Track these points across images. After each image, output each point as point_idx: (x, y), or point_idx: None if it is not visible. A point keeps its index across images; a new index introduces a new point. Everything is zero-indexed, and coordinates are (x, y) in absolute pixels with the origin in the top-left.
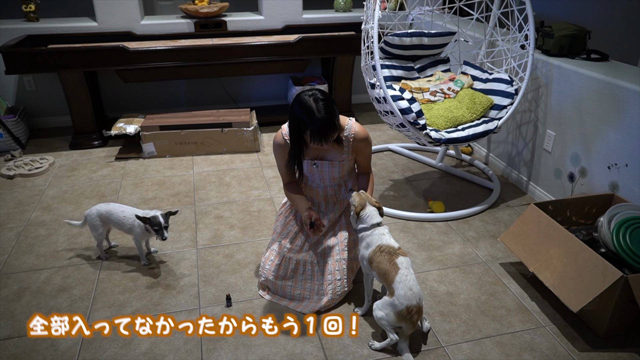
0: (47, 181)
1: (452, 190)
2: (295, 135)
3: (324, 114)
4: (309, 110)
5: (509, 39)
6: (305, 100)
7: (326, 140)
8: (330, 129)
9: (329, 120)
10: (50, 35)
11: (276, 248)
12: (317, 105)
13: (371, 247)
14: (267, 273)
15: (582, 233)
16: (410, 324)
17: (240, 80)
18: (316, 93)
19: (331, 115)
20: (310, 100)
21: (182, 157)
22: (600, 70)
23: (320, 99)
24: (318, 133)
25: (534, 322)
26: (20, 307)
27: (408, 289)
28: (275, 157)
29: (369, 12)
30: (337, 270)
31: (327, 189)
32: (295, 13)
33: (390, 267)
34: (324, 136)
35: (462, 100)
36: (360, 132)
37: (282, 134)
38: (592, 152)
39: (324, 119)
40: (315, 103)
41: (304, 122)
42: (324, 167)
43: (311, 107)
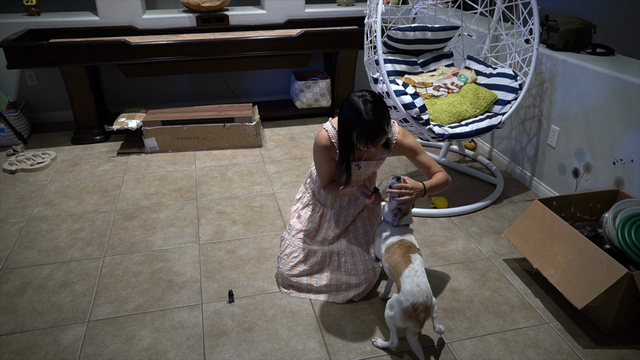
0: (49, 176)
1: (455, 186)
2: (343, 136)
3: (372, 117)
4: (357, 112)
5: (513, 33)
6: (355, 101)
7: (373, 143)
8: (378, 132)
9: (376, 124)
10: (52, 30)
11: (299, 244)
12: (365, 107)
13: (393, 238)
14: (291, 271)
15: (587, 229)
16: (416, 323)
17: (242, 75)
18: (366, 95)
19: (379, 118)
20: (360, 101)
21: (184, 152)
22: (606, 64)
23: (370, 101)
24: (365, 136)
25: (538, 319)
26: (23, 303)
27: (415, 284)
28: (315, 159)
29: (372, 6)
30: (367, 260)
31: (353, 185)
32: (298, 7)
33: (401, 260)
34: (371, 139)
35: (466, 95)
36: (402, 131)
37: (327, 136)
38: (597, 148)
39: (371, 122)
40: (364, 105)
41: (351, 123)
42: (363, 168)
43: (359, 109)
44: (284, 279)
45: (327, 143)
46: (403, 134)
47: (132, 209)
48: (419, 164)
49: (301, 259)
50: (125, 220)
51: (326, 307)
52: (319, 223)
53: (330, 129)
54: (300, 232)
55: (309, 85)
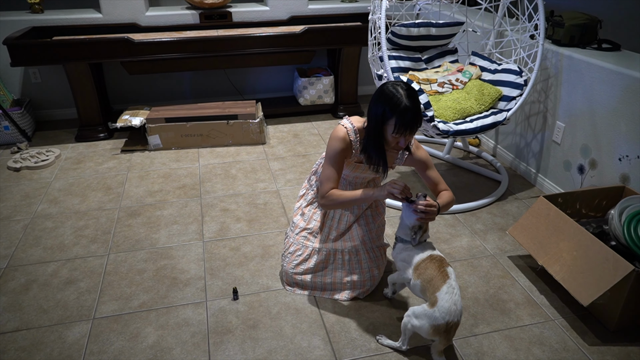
0: (54, 174)
1: (460, 183)
2: (374, 131)
3: (410, 100)
4: (394, 97)
5: (518, 28)
6: (389, 89)
7: (412, 129)
8: (417, 116)
9: (415, 108)
10: (55, 27)
11: (303, 242)
12: (404, 93)
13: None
14: (295, 269)
15: (592, 226)
16: (444, 339)
17: (245, 71)
18: (400, 83)
19: (416, 101)
20: (396, 89)
21: (187, 149)
22: (611, 60)
23: (405, 88)
24: (403, 121)
25: (543, 316)
26: (28, 300)
27: (453, 303)
28: (330, 158)
29: (377, 3)
30: (372, 258)
31: (357, 186)
32: (301, 4)
33: (438, 274)
34: (410, 125)
35: (471, 92)
36: (415, 142)
37: (346, 133)
38: (603, 144)
39: (411, 106)
40: (402, 91)
41: (388, 110)
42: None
43: (396, 94)
44: (288, 277)
45: (346, 138)
46: (417, 145)
47: (136, 207)
48: (428, 179)
49: (305, 257)
50: (130, 217)
51: (330, 304)
52: (323, 221)
53: (349, 126)
54: (304, 230)
55: (312, 82)
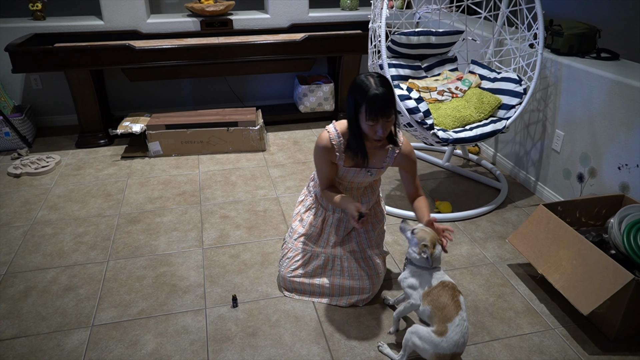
0: (54, 180)
1: (459, 191)
2: (351, 122)
3: (380, 87)
4: (363, 85)
5: (518, 37)
6: (361, 78)
7: (383, 114)
8: (386, 101)
9: (384, 93)
10: (57, 34)
11: (301, 247)
12: (374, 80)
13: (428, 284)
14: (293, 273)
15: (592, 234)
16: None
17: (246, 79)
18: (372, 73)
19: (387, 88)
20: (367, 77)
21: (187, 156)
22: (610, 69)
23: (376, 76)
24: (373, 107)
25: (543, 325)
26: (27, 307)
27: (462, 335)
28: (315, 160)
29: (377, 11)
30: (371, 267)
31: (353, 191)
32: (301, 12)
33: (451, 304)
34: (381, 110)
35: (470, 100)
36: (407, 144)
37: (328, 137)
38: (602, 153)
39: (378, 93)
40: (372, 79)
41: (358, 99)
42: (361, 173)
43: (365, 82)
44: (286, 281)
45: (328, 144)
46: (409, 148)
47: (135, 213)
48: (409, 183)
49: (303, 262)
50: (129, 224)
51: (330, 312)
52: (321, 227)
53: (332, 131)
54: (302, 235)
55: (312, 89)
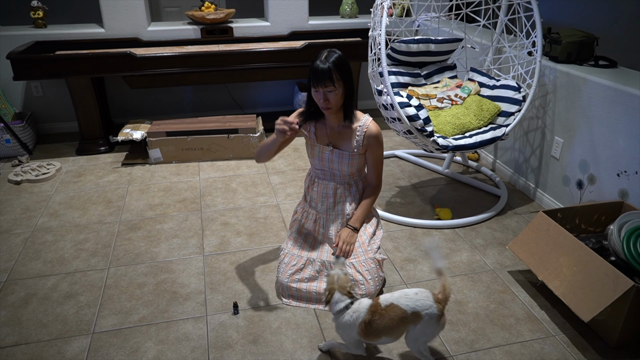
0: (54, 187)
1: (459, 197)
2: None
3: (326, 60)
4: (315, 56)
5: (516, 45)
6: (321, 50)
7: (320, 82)
8: (325, 72)
9: (326, 66)
10: (58, 42)
11: (297, 252)
12: (324, 55)
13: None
14: (290, 278)
15: (592, 241)
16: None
17: (246, 86)
18: (333, 50)
19: (330, 61)
20: (323, 51)
21: (188, 163)
22: (608, 76)
23: (330, 51)
24: (314, 74)
25: (544, 332)
26: (27, 314)
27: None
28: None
29: (377, 19)
30: (366, 271)
31: (337, 187)
32: (301, 19)
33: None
34: (319, 77)
35: (470, 107)
36: (373, 128)
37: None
38: (601, 160)
39: (320, 65)
40: (325, 52)
41: (312, 63)
42: (334, 156)
43: (318, 54)
44: (283, 287)
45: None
46: (375, 129)
47: (136, 220)
48: (370, 167)
49: (299, 267)
50: (130, 231)
51: (331, 318)
52: (315, 229)
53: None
54: (298, 240)
55: None
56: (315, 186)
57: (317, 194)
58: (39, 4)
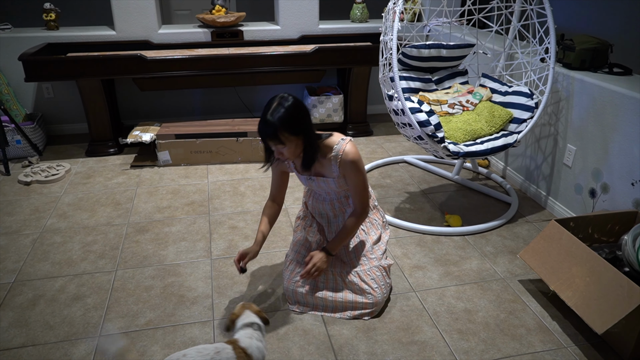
0: (63, 188)
1: (469, 204)
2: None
3: (270, 114)
4: (266, 106)
5: (529, 51)
6: (273, 97)
7: (263, 139)
8: (265, 127)
9: (264, 119)
10: (70, 44)
11: (302, 258)
12: (275, 105)
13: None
14: (295, 285)
15: (605, 251)
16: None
17: (255, 89)
18: (284, 96)
19: (276, 117)
20: (276, 99)
21: (197, 165)
22: (623, 84)
23: (280, 102)
24: (258, 130)
25: (556, 343)
26: (35, 316)
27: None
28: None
29: (388, 24)
30: (372, 280)
31: (334, 202)
32: (312, 23)
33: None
34: (263, 136)
35: (481, 113)
36: (349, 154)
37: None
38: (615, 168)
39: (265, 119)
40: (276, 102)
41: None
42: (320, 183)
43: (270, 104)
44: (289, 293)
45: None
46: (349, 157)
47: (144, 223)
48: (352, 196)
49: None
50: (138, 233)
51: (339, 325)
52: (316, 235)
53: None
54: (303, 246)
55: (322, 100)
56: (311, 200)
57: (314, 208)
58: (51, 7)
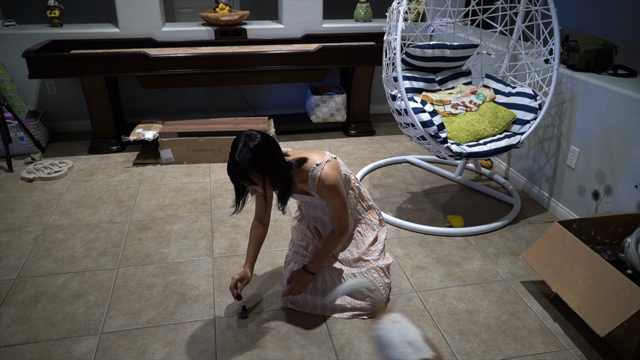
0: (66, 185)
1: (471, 205)
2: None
3: (236, 156)
4: (233, 146)
5: (533, 52)
6: (238, 137)
7: (234, 181)
8: (237, 174)
9: (236, 165)
10: (73, 41)
11: (300, 259)
12: (241, 145)
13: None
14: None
15: (608, 253)
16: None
17: (258, 88)
18: (250, 134)
19: (242, 158)
20: (242, 138)
21: (199, 164)
22: (628, 86)
23: (245, 142)
24: (228, 172)
25: (557, 345)
26: (37, 312)
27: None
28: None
29: (392, 24)
30: (369, 281)
31: (325, 209)
32: (315, 22)
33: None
34: (233, 178)
35: (484, 114)
36: (325, 179)
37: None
38: (619, 170)
39: (232, 162)
40: (242, 142)
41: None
42: (306, 198)
43: (236, 145)
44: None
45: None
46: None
47: (146, 220)
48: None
49: None
50: (140, 231)
51: (340, 325)
52: (313, 236)
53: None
54: (300, 247)
55: (324, 99)
56: (304, 205)
57: (307, 213)
58: (55, 3)
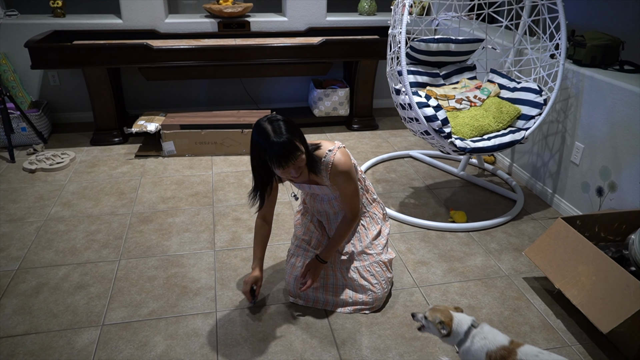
0: (68, 176)
1: (474, 200)
2: (257, 163)
3: (279, 135)
4: (264, 133)
5: (539, 47)
6: (261, 124)
7: (285, 162)
8: (289, 149)
9: (286, 140)
10: (76, 32)
11: (303, 253)
12: (272, 126)
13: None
14: (296, 281)
15: (612, 250)
16: None
17: (261, 81)
18: (273, 115)
19: (283, 131)
20: (266, 123)
21: (201, 156)
22: (634, 82)
23: (276, 120)
24: (276, 156)
25: (560, 341)
26: (38, 303)
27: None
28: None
29: (397, 17)
30: (371, 276)
31: (332, 202)
32: (319, 15)
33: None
34: (284, 158)
35: (489, 109)
36: (339, 164)
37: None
38: (623, 167)
39: (280, 141)
40: (271, 124)
41: (262, 147)
42: (316, 189)
43: (266, 129)
44: (291, 287)
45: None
46: (338, 169)
47: (148, 213)
48: (342, 201)
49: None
50: (142, 223)
51: (341, 319)
52: (317, 230)
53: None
54: (303, 241)
55: (327, 93)
56: (309, 199)
57: (313, 207)
58: None
